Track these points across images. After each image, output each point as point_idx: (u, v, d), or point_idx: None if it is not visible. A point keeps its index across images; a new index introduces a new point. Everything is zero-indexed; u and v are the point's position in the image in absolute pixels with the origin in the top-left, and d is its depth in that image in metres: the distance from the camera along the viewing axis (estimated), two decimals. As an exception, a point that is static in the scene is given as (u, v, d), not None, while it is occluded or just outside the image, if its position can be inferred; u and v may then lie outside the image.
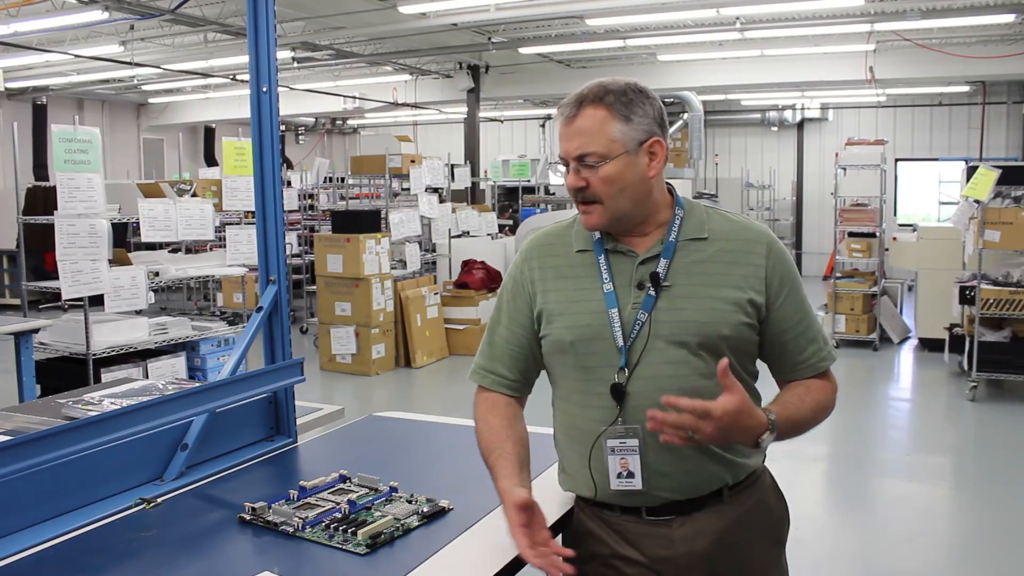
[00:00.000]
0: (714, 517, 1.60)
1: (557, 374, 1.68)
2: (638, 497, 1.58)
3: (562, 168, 1.63)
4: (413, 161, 9.08)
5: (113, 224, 5.15)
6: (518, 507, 1.44)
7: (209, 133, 16.13)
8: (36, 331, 5.18)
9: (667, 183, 1.66)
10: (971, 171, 6.76)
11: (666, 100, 12.72)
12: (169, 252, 7.01)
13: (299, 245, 10.65)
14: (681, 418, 1.39)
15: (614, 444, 1.56)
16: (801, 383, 1.63)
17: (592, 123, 1.54)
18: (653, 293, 1.57)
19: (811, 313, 1.65)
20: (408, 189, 9.26)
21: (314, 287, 8.60)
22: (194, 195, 7.22)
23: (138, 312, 5.72)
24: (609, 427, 1.57)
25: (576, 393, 1.63)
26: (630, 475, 1.57)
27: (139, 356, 5.48)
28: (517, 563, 1.51)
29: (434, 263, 9.75)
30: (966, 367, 6.76)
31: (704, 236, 1.61)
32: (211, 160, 15.16)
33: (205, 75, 11.75)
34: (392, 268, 8.05)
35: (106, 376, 5.05)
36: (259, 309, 2.19)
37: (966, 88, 13.50)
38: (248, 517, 1.65)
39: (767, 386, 1.70)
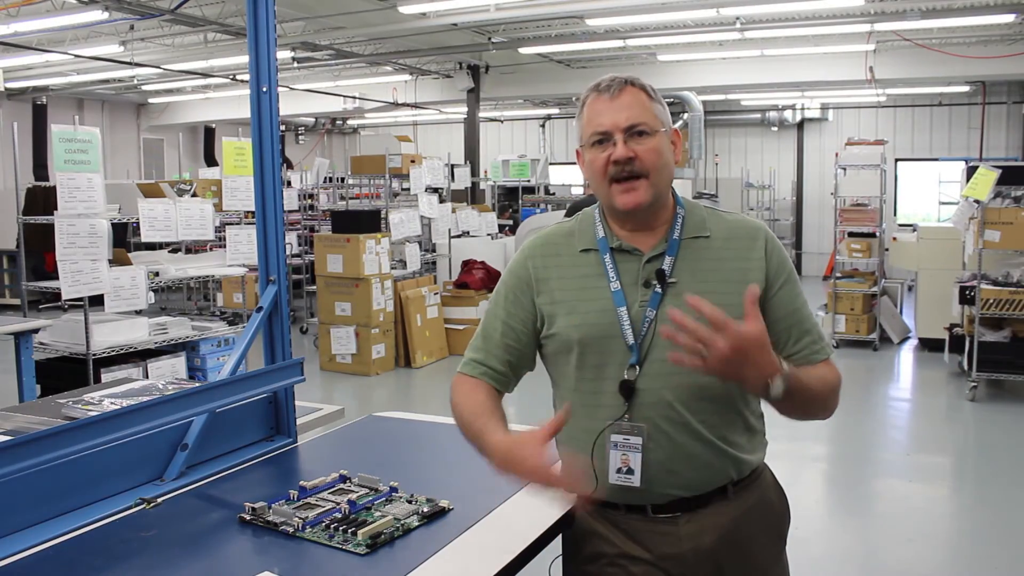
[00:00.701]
0: (719, 513, 1.61)
1: (560, 374, 1.68)
2: (643, 495, 1.59)
3: (597, 146, 1.58)
4: (413, 161, 9.08)
5: (113, 224, 5.15)
6: (535, 439, 1.42)
7: (209, 133, 16.13)
8: (36, 331, 5.18)
9: None
10: (971, 171, 6.76)
11: (666, 100, 12.78)
12: (169, 252, 7.01)
13: (299, 245, 10.65)
14: (697, 325, 1.35)
15: (617, 440, 1.57)
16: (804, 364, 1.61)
17: (639, 99, 1.59)
18: (660, 291, 1.58)
19: (806, 308, 1.66)
20: (408, 189, 9.26)
21: (314, 287, 8.60)
22: (194, 195, 7.22)
23: (138, 312, 5.72)
24: (615, 422, 1.57)
25: (582, 392, 1.63)
26: (629, 471, 1.57)
27: (139, 356, 5.48)
28: (517, 563, 1.51)
29: (434, 263, 9.75)
30: (966, 367, 6.76)
31: (706, 234, 1.63)
32: (211, 160, 15.16)
33: (205, 75, 11.75)
34: (392, 268, 8.05)
35: (106, 376, 5.05)
36: (259, 309, 2.19)
37: (966, 88, 13.50)
38: (248, 517, 1.64)
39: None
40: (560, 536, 1.70)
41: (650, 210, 1.61)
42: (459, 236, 9.75)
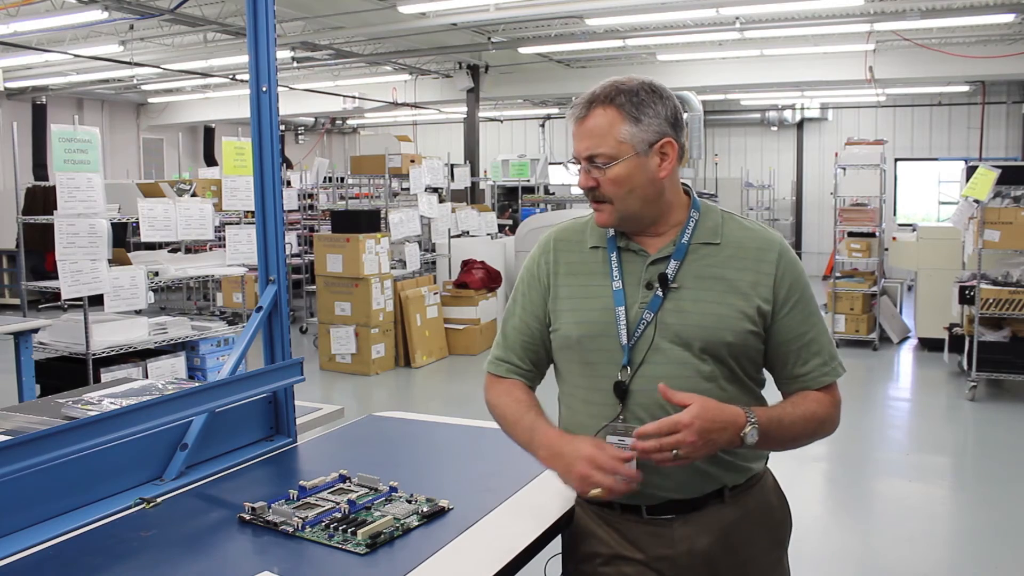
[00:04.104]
0: (714, 517, 1.60)
1: (563, 369, 1.69)
2: (637, 496, 1.58)
3: (574, 166, 1.63)
4: (413, 161, 9.07)
5: (113, 224, 5.15)
6: (593, 444, 1.51)
7: (209, 133, 16.13)
8: (36, 331, 5.17)
9: (684, 184, 1.67)
10: (971, 171, 6.76)
11: (666, 100, 12.77)
12: (169, 252, 7.01)
13: (299, 245, 10.65)
14: (659, 442, 1.42)
15: (613, 441, 1.56)
16: (799, 393, 1.62)
17: (601, 124, 1.54)
18: (660, 294, 1.58)
19: (820, 327, 1.63)
20: (408, 189, 9.26)
21: (314, 287, 8.60)
22: (194, 195, 7.22)
23: (138, 312, 5.72)
24: (609, 424, 1.57)
25: (580, 389, 1.64)
26: None
27: (139, 356, 5.48)
28: (517, 563, 1.51)
29: (434, 263, 9.75)
30: (966, 367, 6.76)
31: (717, 241, 1.61)
32: (211, 160, 15.16)
33: (205, 75, 11.75)
34: (392, 268, 8.05)
35: (106, 376, 5.04)
36: (259, 309, 2.19)
37: (966, 88, 13.50)
38: (248, 517, 1.65)
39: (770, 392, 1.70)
40: (560, 536, 1.70)
41: (636, 224, 1.61)
42: (459, 236, 9.75)
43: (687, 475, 1.57)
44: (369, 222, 7.87)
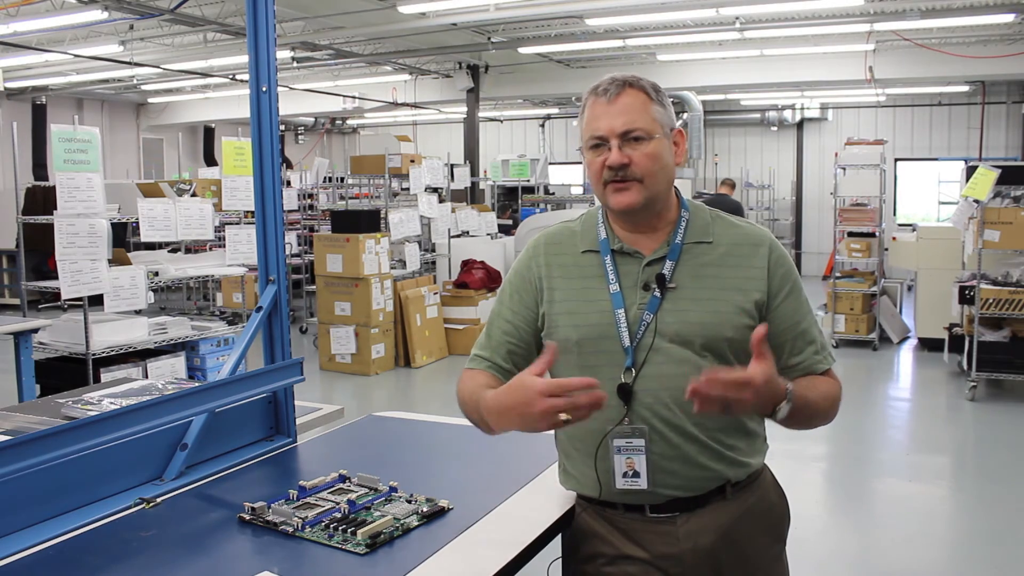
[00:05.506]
0: (717, 513, 1.61)
1: (561, 374, 1.67)
2: (642, 495, 1.59)
3: (592, 151, 1.59)
4: (413, 161, 9.07)
5: (113, 224, 5.15)
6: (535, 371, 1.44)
7: (209, 133, 16.13)
8: (36, 331, 5.17)
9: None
10: (970, 171, 6.76)
11: (666, 100, 12.80)
12: (168, 252, 7.01)
13: (299, 245, 10.65)
14: (725, 393, 1.38)
15: (620, 444, 1.57)
16: (810, 376, 1.62)
17: (637, 102, 1.58)
18: (659, 294, 1.58)
19: (810, 316, 1.66)
20: (408, 189, 9.26)
21: (314, 287, 8.60)
22: (194, 195, 7.22)
23: (137, 312, 5.72)
24: (616, 427, 1.57)
25: None
26: (635, 475, 1.57)
27: (138, 356, 5.48)
28: (516, 563, 1.52)
29: (433, 263, 9.75)
30: (966, 367, 6.76)
31: (709, 240, 1.63)
32: (211, 160, 15.16)
33: (205, 75, 11.75)
34: (392, 268, 8.05)
35: (105, 376, 5.04)
36: (259, 309, 2.19)
37: (966, 88, 13.50)
38: (248, 517, 1.65)
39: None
40: (560, 536, 1.70)
41: (649, 211, 1.61)
42: (459, 236, 9.75)
43: (691, 472, 1.58)
44: (369, 222, 7.87)
